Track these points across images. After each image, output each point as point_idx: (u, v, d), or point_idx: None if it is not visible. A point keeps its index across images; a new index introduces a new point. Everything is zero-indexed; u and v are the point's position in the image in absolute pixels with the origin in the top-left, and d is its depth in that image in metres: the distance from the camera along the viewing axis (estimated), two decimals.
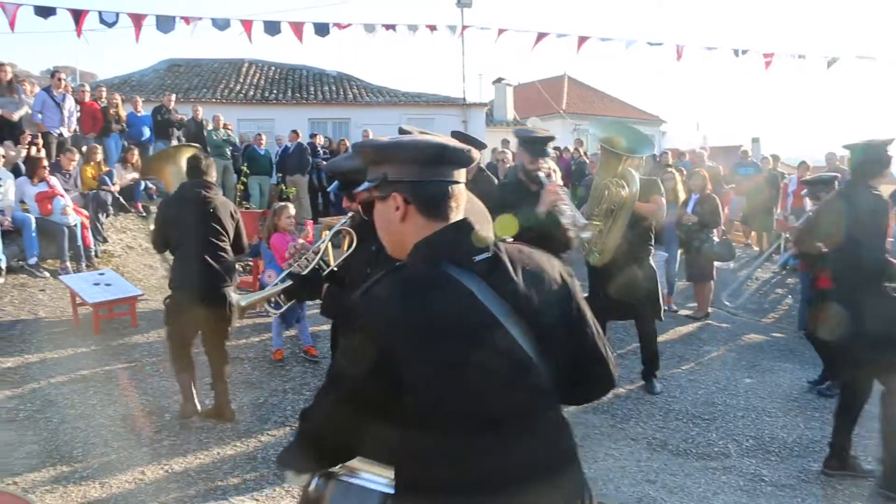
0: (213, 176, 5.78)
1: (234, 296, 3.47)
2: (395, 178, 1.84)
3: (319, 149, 16.53)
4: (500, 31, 19.50)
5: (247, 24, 17.15)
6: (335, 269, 3.35)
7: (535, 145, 5.21)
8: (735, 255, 8.23)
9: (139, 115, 14.18)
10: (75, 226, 9.60)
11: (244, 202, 14.43)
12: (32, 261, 9.35)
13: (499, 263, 1.83)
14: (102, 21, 16.10)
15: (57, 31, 74.16)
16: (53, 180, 9.78)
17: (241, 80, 26.27)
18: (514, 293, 1.80)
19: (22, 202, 9.63)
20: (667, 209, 7.08)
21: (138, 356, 7.29)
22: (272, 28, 17.33)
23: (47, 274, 9.36)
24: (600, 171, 6.39)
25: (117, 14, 16.27)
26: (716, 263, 9.61)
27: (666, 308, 7.84)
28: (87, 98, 13.00)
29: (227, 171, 14.74)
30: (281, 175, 15.79)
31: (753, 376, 7.61)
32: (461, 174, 1.90)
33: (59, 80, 12.19)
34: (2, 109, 11.16)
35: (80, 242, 9.64)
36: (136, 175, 12.11)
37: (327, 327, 8.14)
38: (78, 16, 15.73)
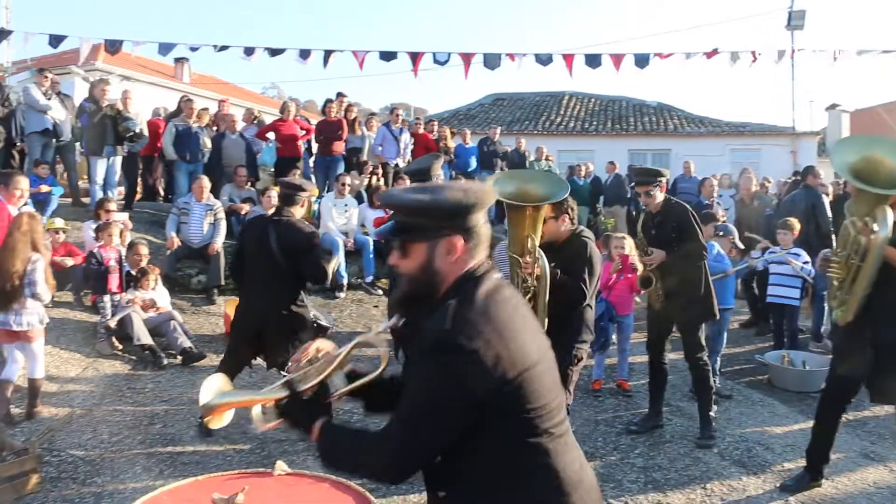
0: None
1: (206, 390, 2.37)
2: None
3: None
4: (837, 53, 18.02)
5: (568, 59, 17.44)
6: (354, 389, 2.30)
7: None
8: None
9: (466, 146, 14.95)
10: None
11: None
12: (369, 279, 10.19)
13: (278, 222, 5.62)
14: (436, 61, 17.23)
15: (396, 72, 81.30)
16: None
17: (562, 113, 26.81)
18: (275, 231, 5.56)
19: (362, 226, 10.53)
20: None
21: None
22: (593, 61, 17.46)
23: (381, 292, 10.11)
24: (852, 206, 4.75)
25: (449, 54, 17.34)
26: None
27: None
28: (421, 131, 13.98)
29: None
30: (598, 206, 15.80)
31: None
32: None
33: (397, 115, 13.28)
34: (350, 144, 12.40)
35: None
36: None
37: (644, 359, 7.89)
38: (415, 57, 17.00)
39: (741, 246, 8.87)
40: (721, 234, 7.55)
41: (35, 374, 5.89)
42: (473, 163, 14.69)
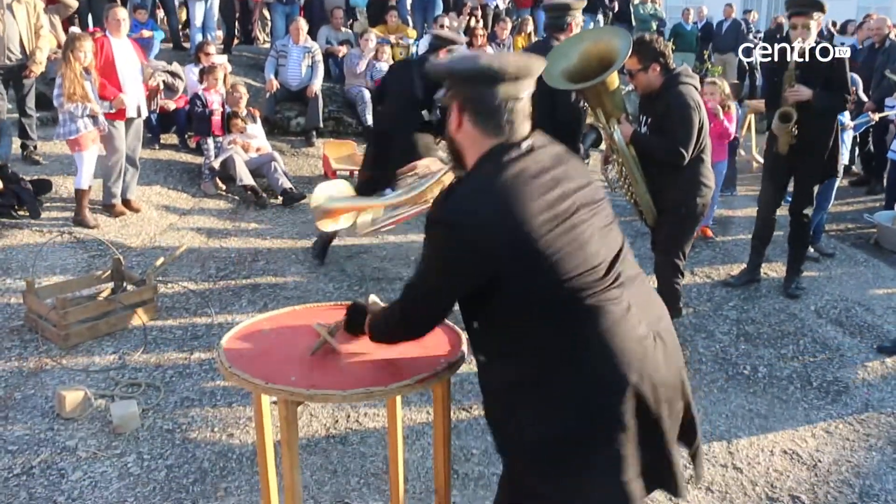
0: None
1: (319, 194, 2.54)
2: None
3: (752, 26, 15.32)
4: None
5: None
6: None
7: None
8: None
9: None
10: None
11: None
12: None
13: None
14: None
15: None
16: (489, 49, 10.34)
17: None
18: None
19: None
20: None
21: None
22: None
23: None
24: None
25: None
26: None
27: None
28: None
29: None
30: (706, 53, 14.90)
31: None
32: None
33: None
34: None
35: None
36: None
37: (742, 213, 7.69)
38: None
39: (864, 98, 8.32)
40: None
41: (77, 183, 6.35)
42: None
